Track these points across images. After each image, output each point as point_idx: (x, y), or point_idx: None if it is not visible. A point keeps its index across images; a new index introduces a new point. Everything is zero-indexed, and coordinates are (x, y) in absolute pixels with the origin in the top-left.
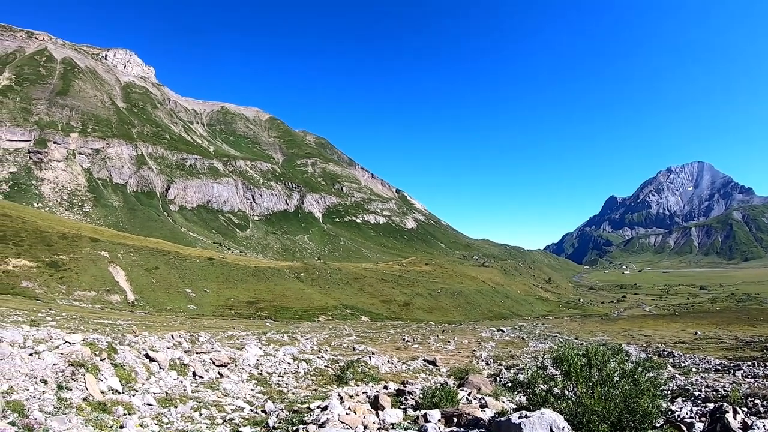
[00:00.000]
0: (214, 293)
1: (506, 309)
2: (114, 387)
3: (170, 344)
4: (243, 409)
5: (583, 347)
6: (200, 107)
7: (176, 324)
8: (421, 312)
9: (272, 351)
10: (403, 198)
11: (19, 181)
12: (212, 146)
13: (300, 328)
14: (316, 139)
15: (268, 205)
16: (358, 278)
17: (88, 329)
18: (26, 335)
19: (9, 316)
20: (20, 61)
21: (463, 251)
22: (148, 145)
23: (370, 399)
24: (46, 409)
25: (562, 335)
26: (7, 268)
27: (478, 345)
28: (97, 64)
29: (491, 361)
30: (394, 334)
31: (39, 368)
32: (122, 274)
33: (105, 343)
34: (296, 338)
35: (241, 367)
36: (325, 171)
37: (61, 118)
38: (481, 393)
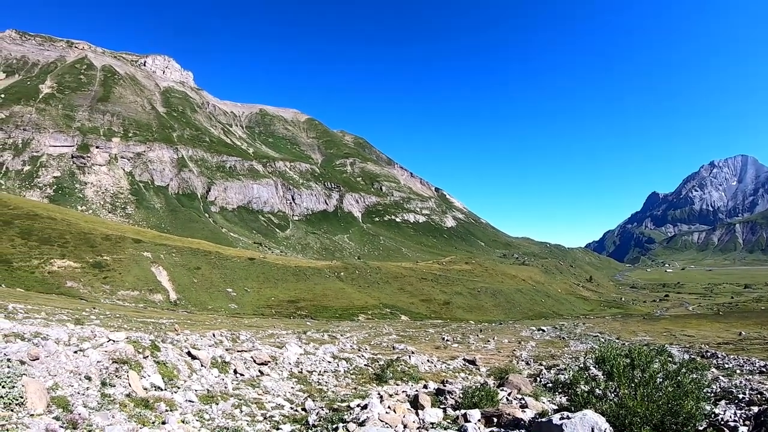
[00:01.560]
0: (254, 292)
1: (547, 308)
2: (156, 384)
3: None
4: (283, 407)
5: (626, 347)
6: (239, 110)
7: (217, 323)
8: (461, 311)
9: (312, 350)
10: (443, 196)
11: (63, 185)
12: (251, 148)
13: (340, 327)
14: (354, 139)
15: (307, 205)
16: (398, 277)
17: (131, 327)
18: (71, 333)
19: (54, 315)
20: (61, 69)
21: (503, 250)
22: (188, 148)
23: (410, 398)
24: (90, 404)
25: (604, 335)
26: (52, 268)
27: (518, 345)
28: (136, 70)
29: (531, 361)
30: (433, 334)
31: (83, 365)
32: (164, 274)
33: (148, 341)
34: (336, 337)
35: (281, 366)
36: (363, 171)
37: (103, 124)
38: (521, 393)
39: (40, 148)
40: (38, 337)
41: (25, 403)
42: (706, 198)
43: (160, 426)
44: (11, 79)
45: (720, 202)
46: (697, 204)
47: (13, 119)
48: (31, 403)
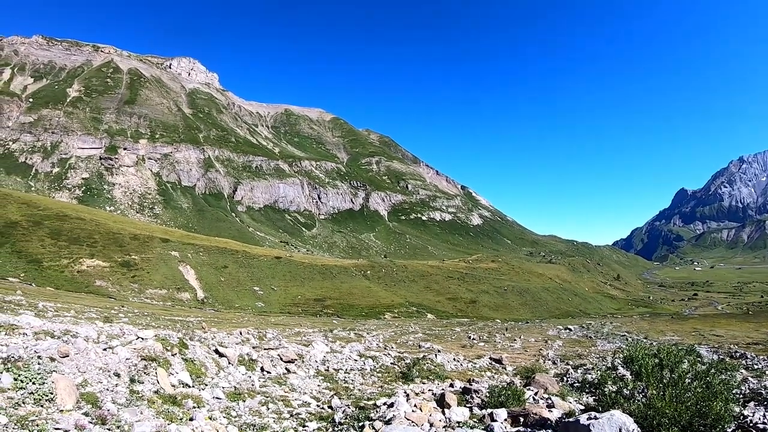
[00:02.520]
0: (281, 291)
1: (574, 307)
2: (184, 381)
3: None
4: (309, 405)
5: (655, 347)
6: (264, 110)
7: (244, 321)
8: (488, 310)
9: (338, 348)
10: (469, 194)
11: (91, 186)
12: (277, 148)
13: (366, 325)
14: (379, 137)
15: (333, 204)
16: (424, 276)
17: (159, 325)
18: (100, 331)
19: (83, 313)
20: (88, 73)
21: (530, 248)
22: (214, 148)
23: (436, 397)
24: (119, 401)
25: (631, 334)
26: (81, 268)
27: (545, 344)
28: (162, 73)
29: (558, 360)
30: (460, 332)
31: (112, 362)
32: (192, 273)
33: (176, 338)
34: (362, 335)
35: (308, 364)
36: (389, 169)
37: (130, 126)
38: (548, 393)
39: (68, 151)
40: (68, 335)
41: (54, 399)
42: (735, 194)
43: (187, 422)
44: (39, 84)
45: (749, 199)
46: (726, 200)
47: (42, 122)
48: (61, 399)
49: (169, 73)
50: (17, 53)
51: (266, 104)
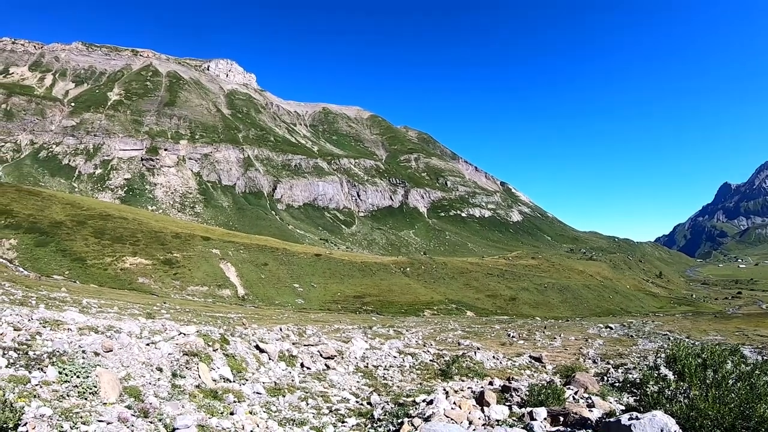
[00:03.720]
0: (321, 288)
1: (615, 305)
2: (225, 376)
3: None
4: (349, 401)
5: (698, 347)
6: (302, 109)
7: (284, 317)
8: (527, 307)
9: (378, 344)
10: (508, 190)
11: (133, 186)
12: (316, 146)
13: (405, 322)
14: (418, 134)
15: (372, 202)
16: (464, 273)
17: (201, 322)
18: (143, 327)
19: (126, 309)
20: (128, 77)
21: (570, 244)
22: (254, 147)
23: (475, 394)
24: (161, 394)
25: (673, 333)
26: (124, 265)
27: (585, 342)
28: (200, 75)
29: (598, 359)
30: (499, 330)
31: (155, 357)
32: (233, 270)
33: (218, 334)
34: (401, 332)
35: (347, 360)
36: (428, 166)
37: (170, 127)
38: (588, 392)
39: (110, 152)
40: (111, 330)
41: (98, 392)
42: None
43: (228, 416)
44: (80, 89)
45: None
46: None
47: (84, 126)
48: (105, 392)
49: (208, 75)
50: (58, 59)
51: (304, 103)
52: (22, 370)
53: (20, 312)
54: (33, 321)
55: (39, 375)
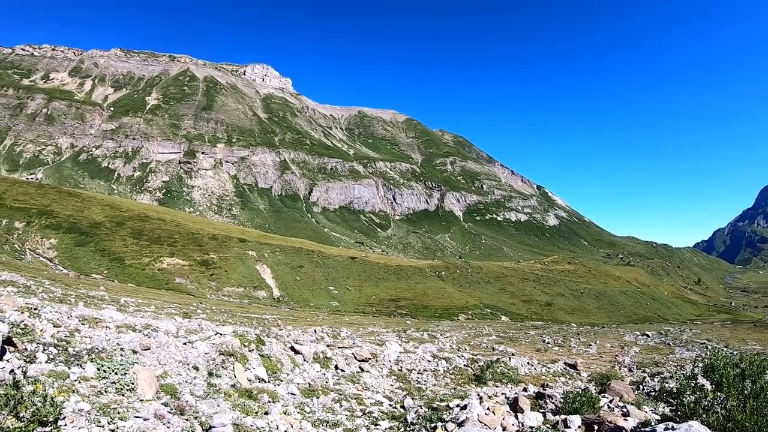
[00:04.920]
0: (356, 291)
1: (652, 312)
2: (260, 376)
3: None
4: (382, 404)
5: (736, 356)
6: (338, 113)
7: (319, 319)
8: (563, 313)
9: (412, 348)
10: (544, 194)
11: (171, 189)
12: (352, 149)
13: (440, 326)
14: (453, 137)
15: (408, 205)
16: (499, 277)
17: (236, 322)
18: (179, 326)
19: (163, 308)
20: (166, 82)
21: (607, 249)
22: (290, 151)
23: (509, 401)
24: (197, 393)
25: (711, 342)
26: (161, 266)
27: (621, 350)
28: (236, 79)
29: (634, 367)
30: (534, 336)
31: (192, 356)
32: (268, 272)
33: (254, 335)
34: (436, 336)
35: (381, 363)
36: (464, 169)
37: (207, 131)
38: (623, 401)
39: (149, 156)
40: (148, 329)
41: (135, 389)
42: None
43: (262, 416)
44: (119, 93)
45: None
46: None
47: (123, 130)
48: (141, 389)
49: (244, 80)
50: (97, 65)
51: (339, 107)
52: (61, 365)
53: (60, 309)
54: (72, 318)
55: (78, 371)
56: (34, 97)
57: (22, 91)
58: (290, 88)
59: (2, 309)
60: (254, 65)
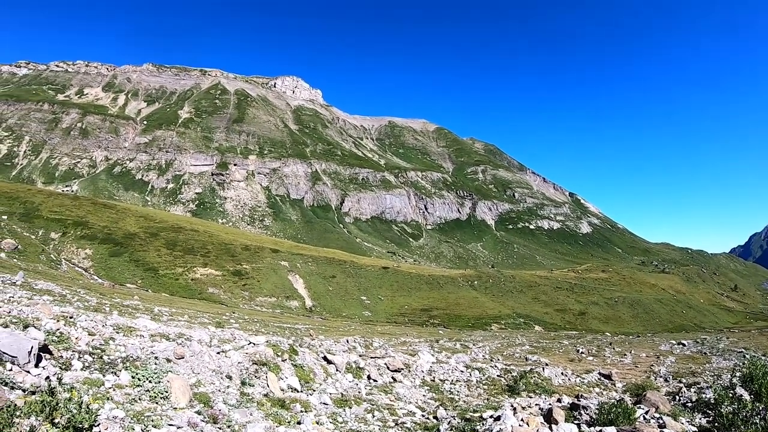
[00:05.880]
0: (388, 301)
1: (687, 320)
2: (293, 386)
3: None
4: (414, 414)
5: None
6: (368, 123)
7: (351, 329)
8: (597, 322)
9: (444, 358)
10: (577, 202)
11: (204, 200)
12: (383, 159)
13: (472, 336)
14: (484, 146)
15: (440, 214)
16: (532, 286)
17: (269, 332)
18: (212, 335)
19: (197, 318)
20: (197, 96)
21: (642, 256)
22: (321, 162)
23: (543, 412)
24: (230, 401)
25: (749, 351)
26: (195, 276)
27: (657, 359)
28: (267, 92)
29: (670, 377)
30: (567, 345)
31: (225, 365)
32: (301, 282)
33: (287, 345)
34: (468, 346)
35: (414, 373)
36: (495, 177)
37: (239, 143)
38: (659, 412)
39: (182, 168)
40: (182, 338)
41: (169, 398)
42: None
43: (295, 426)
44: (152, 108)
45: None
46: None
47: (156, 143)
48: (175, 397)
49: (274, 92)
50: (130, 80)
51: (370, 117)
52: (96, 373)
53: (94, 318)
54: (107, 327)
55: (112, 378)
56: (69, 112)
57: (57, 106)
58: (320, 100)
59: (38, 317)
60: (284, 77)
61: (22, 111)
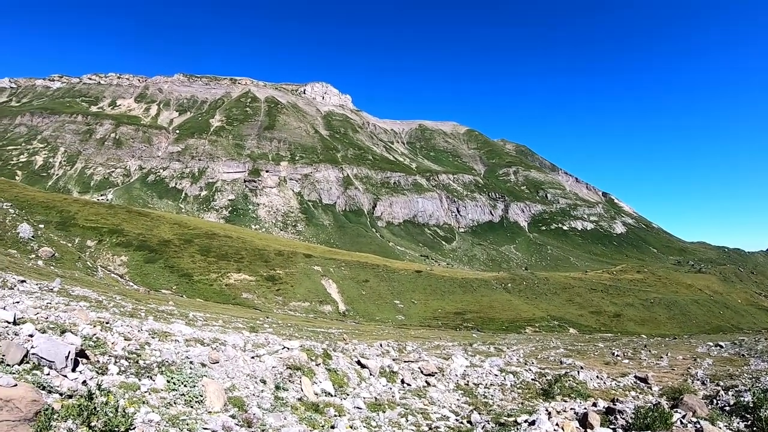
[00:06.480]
0: (421, 304)
1: (725, 321)
2: (327, 390)
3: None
4: (448, 418)
5: None
6: (398, 127)
7: (384, 333)
8: (632, 324)
9: (478, 362)
10: (611, 201)
11: (237, 207)
12: (414, 163)
13: (506, 339)
14: (515, 147)
15: (472, 217)
16: (566, 288)
17: (302, 336)
18: (246, 340)
19: (231, 322)
20: (228, 104)
21: (677, 256)
22: (352, 167)
23: (578, 416)
24: (264, 406)
25: None
26: (229, 281)
27: (693, 362)
28: (297, 98)
29: (707, 380)
30: (602, 348)
31: (259, 369)
32: (334, 287)
33: (321, 349)
34: (502, 350)
35: (447, 377)
36: (527, 179)
37: (271, 150)
38: (697, 416)
39: (214, 175)
40: (216, 343)
41: (204, 401)
42: None
43: (329, 430)
44: (183, 117)
45: None
46: None
47: (189, 151)
48: (210, 401)
49: (304, 98)
50: (161, 91)
51: (400, 121)
52: (132, 377)
53: (130, 323)
54: (142, 332)
55: (148, 383)
56: (103, 123)
57: (91, 118)
58: (350, 105)
59: (75, 323)
60: (314, 84)
61: (57, 123)
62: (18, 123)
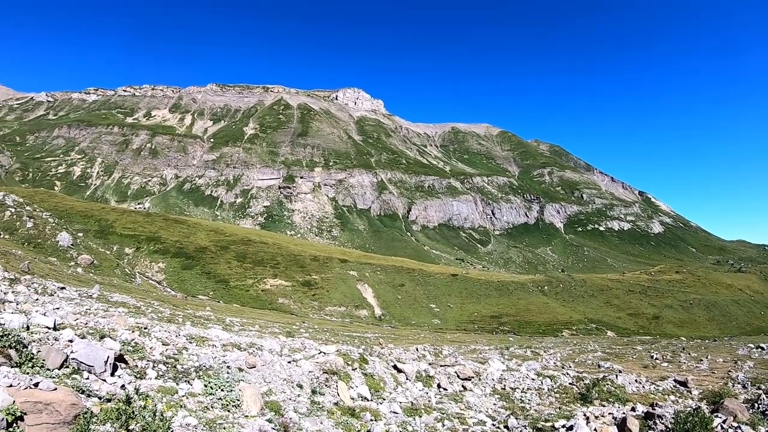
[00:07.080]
0: (457, 308)
1: (766, 322)
2: (363, 394)
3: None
4: (485, 423)
5: None
6: (431, 130)
7: (420, 337)
8: (671, 326)
9: (515, 366)
10: (647, 200)
11: (272, 213)
12: (447, 166)
13: (543, 342)
14: (549, 147)
15: (507, 219)
16: (604, 290)
17: (338, 341)
18: (283, 345)
19: (267, 327)
20: (261, 112)
21: (717, 255)
22: (386, 171)
23: (617, 421)
24: (300, 410)
25: None
26: (265, 287)
27: (734, 365)
28: (329, 105)
29: (748, 383)
30: (641, 351)
31: (296, 374)
32: (370, 291)
33: (357, 354)
34: (539, 353)
35: (484, 381)
36: (562, 179)
37: (305, 156)
38: (737, 421)
39: (249, 182)
40: (253, 348)
41: (240, 406)
42: None
43: None
44: (218, 126)
45: None
46: None
47: (224, 159)
48: (247, 405)
49: (336, 104)
50: (195, 101)
51: (432, 124)
52: (170, 381)
53: (168, 328)
54: (180, 337)
55: (185, 387)
56: (138, 134)
57: (127, 129)
58: (382, 110)
59: (114, 328)
60: (345, 90)
61: (94, 135)
62: (56, 135)
